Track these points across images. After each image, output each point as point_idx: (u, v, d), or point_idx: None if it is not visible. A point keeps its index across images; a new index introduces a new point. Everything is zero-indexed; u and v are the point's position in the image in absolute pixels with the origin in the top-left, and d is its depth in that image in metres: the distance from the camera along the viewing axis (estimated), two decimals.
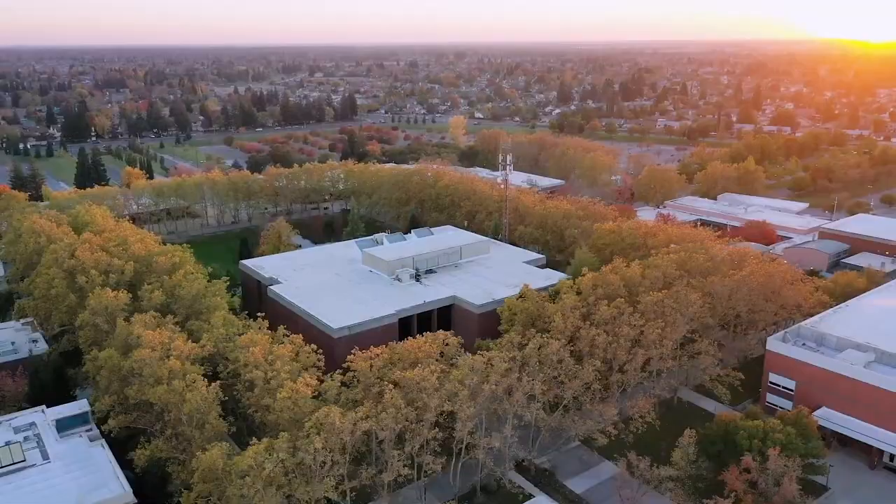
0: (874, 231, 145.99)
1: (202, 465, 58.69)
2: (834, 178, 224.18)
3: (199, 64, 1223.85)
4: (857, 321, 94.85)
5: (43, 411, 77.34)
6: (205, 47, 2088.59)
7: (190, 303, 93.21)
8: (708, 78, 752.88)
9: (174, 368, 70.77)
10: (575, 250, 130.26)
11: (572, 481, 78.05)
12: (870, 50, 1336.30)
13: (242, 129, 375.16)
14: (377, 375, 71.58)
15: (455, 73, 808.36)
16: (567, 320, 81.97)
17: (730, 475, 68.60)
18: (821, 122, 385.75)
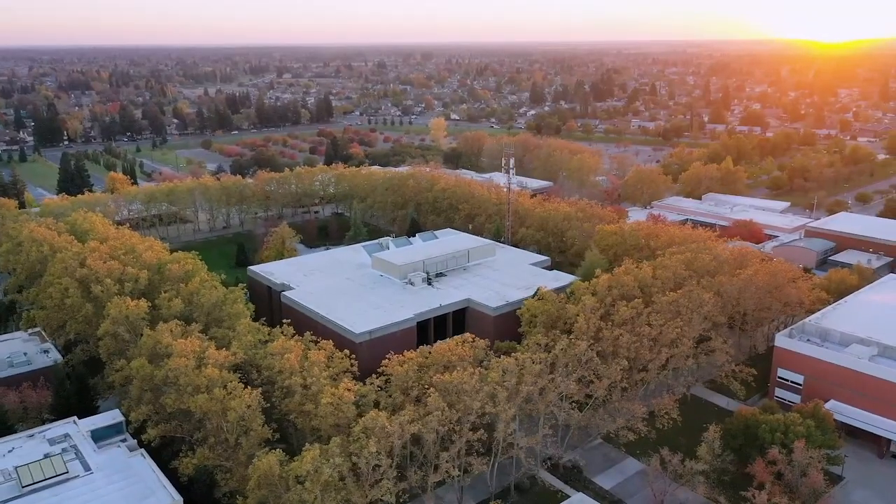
0: (858, 229, 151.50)
1: (258, 472, 59.44)
2: (809, 177, 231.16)
3: (162, 65, 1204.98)
4: (857, 317, 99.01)
5: (75, 422, 77.04)
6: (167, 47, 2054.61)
7: (209, 310, 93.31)
8: (674, 78, 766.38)
9: (212, 377, 71.18)
10: (574, 252, 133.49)
11: (599, 478, 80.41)
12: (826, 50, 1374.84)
13: (219, 131, 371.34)
14: (414, 379, 72.99)
15: (425, 74, 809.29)
16: (589, 321, 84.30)
17: (756, 467, 71.58)
18: (788, 122, 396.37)
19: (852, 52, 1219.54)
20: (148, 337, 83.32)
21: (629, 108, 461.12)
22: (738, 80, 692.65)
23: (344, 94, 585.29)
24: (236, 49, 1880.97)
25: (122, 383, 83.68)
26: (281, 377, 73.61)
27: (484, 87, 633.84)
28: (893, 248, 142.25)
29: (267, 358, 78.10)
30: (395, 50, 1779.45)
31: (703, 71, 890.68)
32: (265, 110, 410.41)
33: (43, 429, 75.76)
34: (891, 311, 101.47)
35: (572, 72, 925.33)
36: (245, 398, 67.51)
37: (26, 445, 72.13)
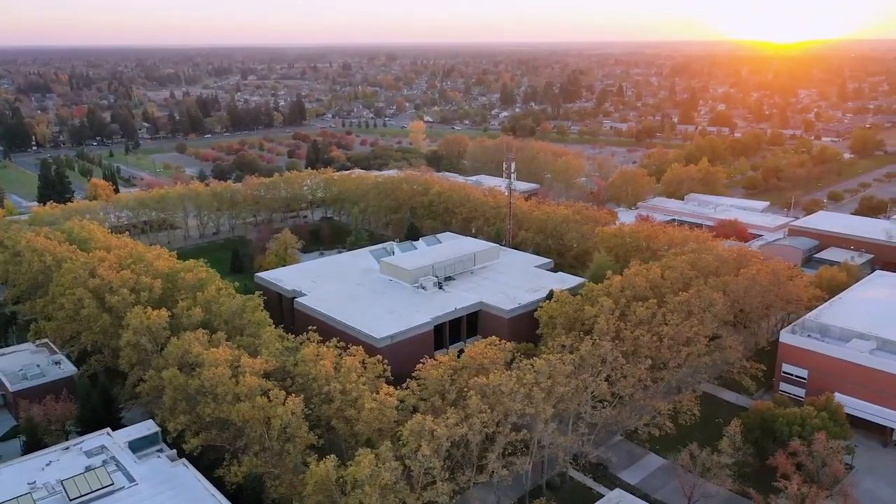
0: (838, 227, 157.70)
1: (315, 477, 60.50)
2: (783, 177, 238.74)
3: (121, 66, 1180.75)
4: (854, 312, 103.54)
5: (109, 434, 76.91)
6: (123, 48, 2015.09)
7: (228, 319, 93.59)
8: (639, 79, 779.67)
9: (252, 385, 71.86)
10: (574, 254, 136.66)
11: (624, 473, 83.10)
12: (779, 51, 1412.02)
13: (192, 135, 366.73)
14: (449, 382, 74.70)
15: (393, 76, 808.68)
16: (609, 322, 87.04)
17: (779, 459, 74.93)
18: (754, 122, 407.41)
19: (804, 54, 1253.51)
20: (174, 346, 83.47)
21: (599, 110, 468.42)
22: (701, 81, 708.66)
23: (313, 96, 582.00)
24: (195, 50, 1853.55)
25: (150, 393, 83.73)
26: (317, 384, 74.58)
27: (453, 89, 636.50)
28: (873, 245, 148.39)
29: (299, 365, 79.06)
30: (357, 51, 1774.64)
31: (665, 72, 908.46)
32: (237, 113, 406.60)
33: (77, 441, 75.48)
34: (885, 306, 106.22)
35: (538, 73, 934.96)
36: (289, 405, 68.43)
37: (63, 458, 71.90)
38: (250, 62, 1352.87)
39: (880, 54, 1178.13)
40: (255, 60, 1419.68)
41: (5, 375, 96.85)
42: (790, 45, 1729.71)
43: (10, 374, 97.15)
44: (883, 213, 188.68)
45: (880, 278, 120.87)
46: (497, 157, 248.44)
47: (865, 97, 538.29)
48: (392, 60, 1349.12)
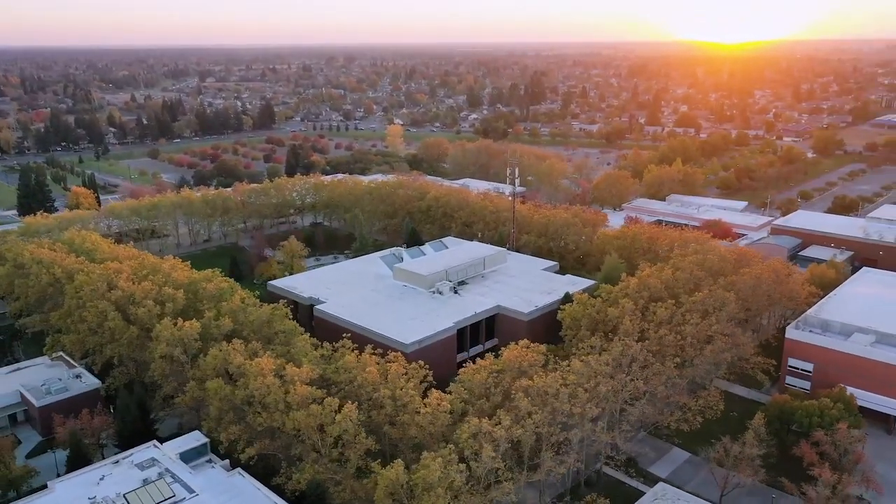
0: (818, 226, 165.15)
1: (385, 481, 62.28)
2: (754, 177, 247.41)
3: (72, 68, 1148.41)
4: (850, 308, 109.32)
5: (156, 446, 77.27)
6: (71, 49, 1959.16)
7: (258, 328, 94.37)
8: (599, 80, 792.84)
9: (304, 394, 73.21)
10: (575, 256, 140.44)
11: (654, 468, 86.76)
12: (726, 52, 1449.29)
13: (162, 140, 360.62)
14: (493, 384, 77.20)
15: (355, 78, 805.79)
16: (633, 323, 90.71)
17: (803, 449, 79.45)
18: (717, 123, 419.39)
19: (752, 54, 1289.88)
20: (212, 357, 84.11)
21: (566, 112, 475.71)
22: (660, 82, 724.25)
23: (278, 99, 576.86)
24: (146, 51, 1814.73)
25: (189, 404, 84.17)
26: (364, 390, 76.27)
27: (418, 91, 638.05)
28: (853, 242, 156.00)
29: (340, 372, 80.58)
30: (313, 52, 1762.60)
31: (623, 73, 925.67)
32: (206, 117, 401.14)
33: (126, 455, 75.70)
34: (878, 301, 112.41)
35: (499, 74, 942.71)
36: (346, 412, 70.01)
37: (116, 472, 72.17)
38: (206, 63, 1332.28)
39: (824, 55, 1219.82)
40: (211, 62, 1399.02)
41: (28, 390, 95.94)
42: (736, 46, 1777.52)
43: (33, 388, 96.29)
44: (855, 210, 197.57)
45: (867, 275, 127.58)
46: (478, 160, 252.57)
47: (818, 97, 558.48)
48: (351, 62, 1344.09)
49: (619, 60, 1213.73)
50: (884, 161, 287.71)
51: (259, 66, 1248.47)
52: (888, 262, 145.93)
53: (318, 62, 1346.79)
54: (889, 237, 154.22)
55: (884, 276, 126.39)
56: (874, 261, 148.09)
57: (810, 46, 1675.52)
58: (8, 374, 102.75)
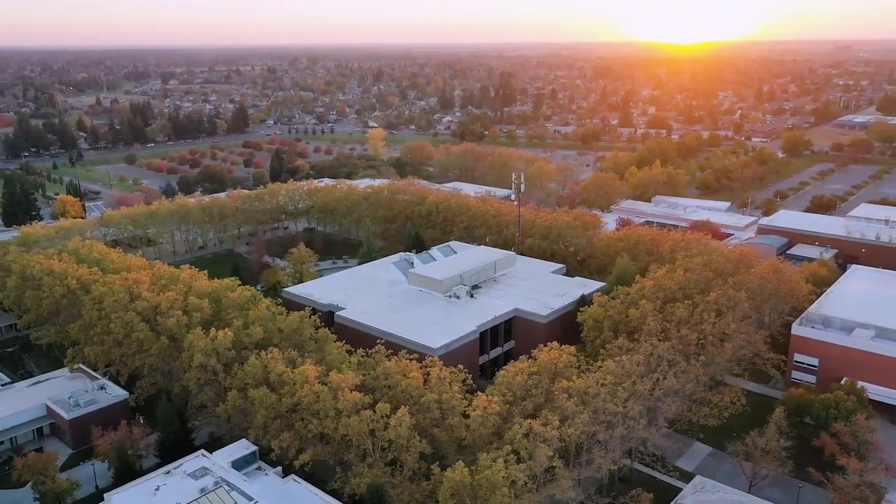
0: (803, 225, 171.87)
1: (450, 483, 64.43)
2: (732, 177, 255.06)
3: (27, 70, 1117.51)
4: (848, 304, 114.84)
5: (205, 455, 78.06)
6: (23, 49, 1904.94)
7: (288, 335, 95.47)
8: (565, 82, 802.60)
9: (354, 400, 74.97)
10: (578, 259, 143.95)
11: (679, 462, 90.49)
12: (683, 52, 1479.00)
13: (137, 145, 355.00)
14: (534, 385, 79.87)
15: (322, 80, 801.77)
16: (656, 323, 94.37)
17: (824, 440, 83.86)
18: (687, 124, 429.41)
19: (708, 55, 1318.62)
20: (252, 366, 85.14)
21: (539, 114, 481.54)
22: (625, 83, 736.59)
23: (248, 101, 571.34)
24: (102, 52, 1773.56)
25: (230, 413, 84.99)
26: (409, 395, 78.26)
27: (388, 93, 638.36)
28: (837, 241, 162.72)
29: (380, 377, 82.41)
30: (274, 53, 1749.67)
31: (588, 74, 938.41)
32: (180, 121, 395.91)
33: (176, 465, 76.36)
34: (872, 297, 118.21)
35: (466, 76, 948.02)
36: (399, 417, 71.97)
37: (170, 482, 72.86)
38: (166, 65, 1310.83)
39: (777, 56, 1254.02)
40: (170, 63, 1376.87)
41: (56, 403, 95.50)
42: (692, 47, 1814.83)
43: (60, 401, 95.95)
44: (833, 209, 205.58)
45: (858, 272, 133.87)
46: (464, 163, 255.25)
47: (778, 98, 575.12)
48: (314, 63, 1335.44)
49: (580, 61, 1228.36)
50: (850, 161, 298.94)
51: (221, 67, 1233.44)
52: (870, 258, 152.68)
53: (281, 63, 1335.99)
54: (870, 235, 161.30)
55: (873, 274, 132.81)
56: (857, 258, 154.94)
57: (763, 47, 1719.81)
58: (29, 388, 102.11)
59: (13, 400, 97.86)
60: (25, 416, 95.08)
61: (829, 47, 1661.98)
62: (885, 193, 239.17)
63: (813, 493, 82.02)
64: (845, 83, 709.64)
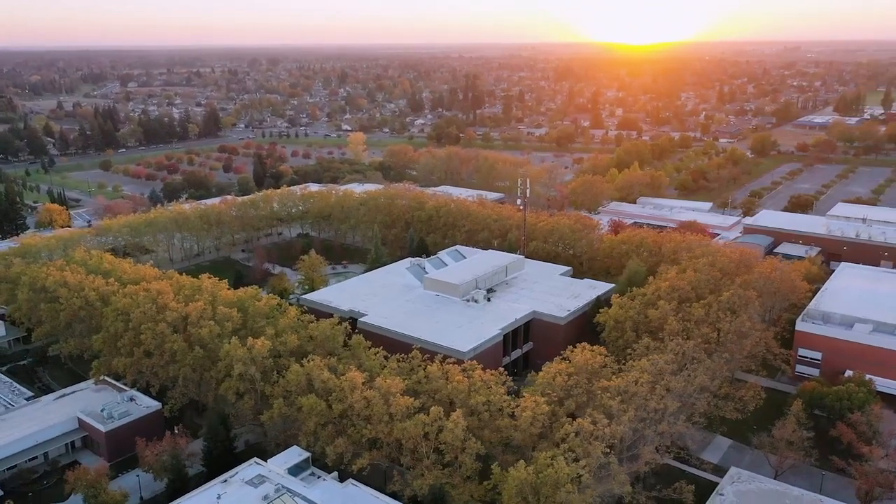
0: (787, 224, 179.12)
1: (515, 480, 67.20)
2: (708, 178, 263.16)
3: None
4: (844, 300, 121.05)
5: (258, 462, 79.36)
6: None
7: (321, 343, 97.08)
8: (529, 83, 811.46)
9: (407, 405, 77.30)
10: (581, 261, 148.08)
11: (704, 455, 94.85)
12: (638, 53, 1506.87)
13: (110, 151, 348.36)
14: (574, 385, 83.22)
15: (287, 82, 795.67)
16: (677, 322, 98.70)
17: (841, 429, 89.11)
18: (656, 126, 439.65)
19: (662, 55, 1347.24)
20: (294, 373, 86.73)
21: (510, 116, 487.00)
22: (589, 85, 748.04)
23: (214, 104, 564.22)
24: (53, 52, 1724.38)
25: (275, 420, 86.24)
26: (454, 398, 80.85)
27: (356, 95, 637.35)
28: (820, 239, 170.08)
29: (424, 382, 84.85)
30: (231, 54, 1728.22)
31: (551, 76, 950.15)
32: (151, 125, 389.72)
33: (232, 473, 77.59)
34: (866, 293, 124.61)
35: (431, 77, 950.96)
36: (455, 420, 74.52)
37: (231, 491, 74.05)
38: (121, 66, 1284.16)
39: (730, 56, 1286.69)
40: (125, 64, 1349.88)
41: (89, 416, 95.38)
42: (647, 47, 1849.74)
43: (93, 414, 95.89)
44: (809, 208, 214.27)
45: (847, 269, 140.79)
46: (449, 166, 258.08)
47: (738, 99, 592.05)
48: (275, 65, 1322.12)
49: (541, 62, 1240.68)
50: (816, 160, 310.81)
51: (179, 69, 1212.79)
52: (851, 256, 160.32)
53: (241, 65, 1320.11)
54: (850, 233, 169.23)
55: (862, 271, 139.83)
56: (839, 255, 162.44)
57: (715, 48, 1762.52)
58: (56, 402, 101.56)
59: (42, 414, 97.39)
60: (58, 429, 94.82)
61: (778, 48, 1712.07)
62: (853, 192, 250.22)
63: (833, 480, 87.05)
64: (799, 84, 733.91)
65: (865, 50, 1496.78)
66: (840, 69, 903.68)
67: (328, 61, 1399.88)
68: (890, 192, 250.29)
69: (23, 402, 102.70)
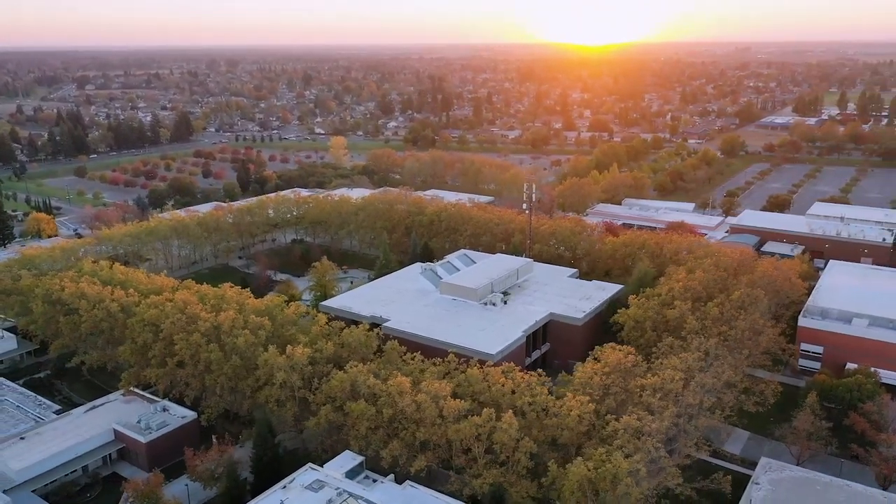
0: (770, 224, 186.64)
1: (574, 477, 70.59)
2: (685, 179, 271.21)
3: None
4: (840, 297, 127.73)
5: (312, 468, 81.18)
6: None
7: (356, 349, 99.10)
8: (494, 85, 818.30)
9: (459, 407, 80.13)
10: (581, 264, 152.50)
11: (726, 447, 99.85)
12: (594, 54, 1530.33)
13: (83, 157, 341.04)
14: (611, 383, 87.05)
15: (252, 85, 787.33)
16: (695, 321, 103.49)
17: (854, 419, 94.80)
18: (625, 127, 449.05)
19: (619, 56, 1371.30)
20: (339, 380, 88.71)
21: (482, 118, 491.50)
22: (551, 86, 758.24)
23: (181, 107, 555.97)
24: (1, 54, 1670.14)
25: (321, 426, 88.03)
26: (504, 400, 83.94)
27: (325, 98, 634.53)
28: (803, 238, 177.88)
29: (465, 385, 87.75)
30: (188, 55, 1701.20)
31: (514, 77, 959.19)
32: (122, 130, 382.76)
33: (289, 479, 79.28)
34: (858, 289, 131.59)
35: (395, 79, 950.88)
36: (508, 421, 77.61)
37: (292, 497, 75.88)
38: (75, 68, 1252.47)
39: (685, 57, 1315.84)
40: (78, 66, 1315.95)
41: (126, 427, 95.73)
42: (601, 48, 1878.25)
43: (129, 425, 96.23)
44: (787, 208, 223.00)
45: (836, 267, 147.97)
46: (434, 170, 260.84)
47: (700, 100, 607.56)
48: (235, 66, 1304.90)
49: (502, 63, 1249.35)
50: (783, 160, 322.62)
51: (137, 71, 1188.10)
52: (833, 253, 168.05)
53: (198, 66, 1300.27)
54: (831, 232, 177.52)
55: (850, 268, 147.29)
56: (821, 253, 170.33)
57: (668, 49, 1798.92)
58: (87, 414, 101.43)
59: (76, 427, 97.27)
60: (94, 442, 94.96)
61: (729, 48, 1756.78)
62: (821, 191, 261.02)
63: (849, 467, 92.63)
64: (755, 84, 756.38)
65: (813, 51, 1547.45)
66: (792, 70, 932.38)
67: (288, 62, 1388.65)
68: (856, 191, 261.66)
69: (52, 415, 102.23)
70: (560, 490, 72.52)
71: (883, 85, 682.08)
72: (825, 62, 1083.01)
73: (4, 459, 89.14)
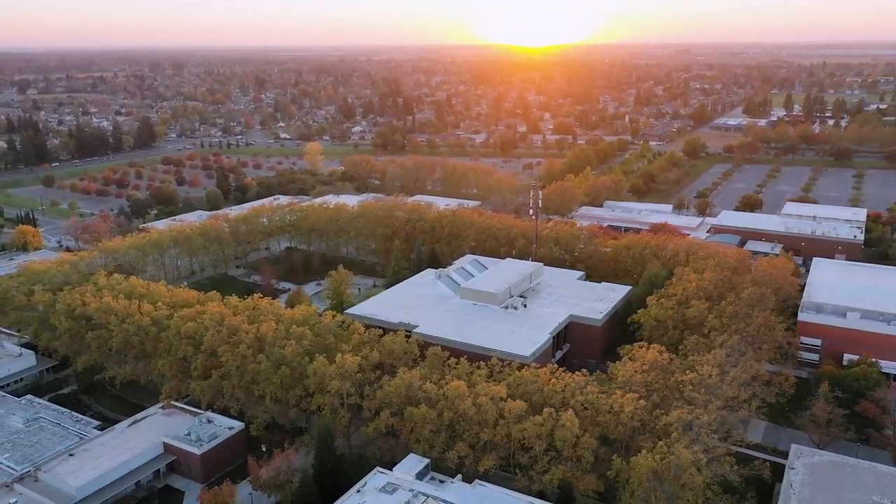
0: (750, 223, 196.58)
1: (643, 469, 75.65)
2: (657, 180, 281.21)
3: None
4: (829, 292, 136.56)
5: (381, 472, 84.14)
6: None
7: (399, 356, 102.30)
8: (449, 88, 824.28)
9: (520, 408, 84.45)
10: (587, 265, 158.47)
11: (747, 436, 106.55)
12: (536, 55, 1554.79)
13: (46, 165, 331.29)
14: (653, 380, 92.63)
15: (205, 88, 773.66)
16: (714, 319, 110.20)
17: (865, 405, 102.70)
18: (586, 130, 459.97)
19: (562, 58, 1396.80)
20: (392, 385, 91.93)
21: (445, 122, 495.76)
22: (505, 88, 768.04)
23: (135, 112, 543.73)
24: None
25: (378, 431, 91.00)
26: (556, 400, 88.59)
27: (284, 101, 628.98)
28: (781, 236, 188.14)
29: (515, 386, 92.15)
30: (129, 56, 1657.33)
31: (467, 79, 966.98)
32: (84, 137, 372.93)
33: (361, 484, 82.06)
34: (846, 284, 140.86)
35: (349, 82, 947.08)
36: (569, 419, 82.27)
37: (368, 499, 78.98)
38: (9, 71, 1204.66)
39: (627, 59, 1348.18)
40: (13, 69, 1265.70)
41: (176, 440, 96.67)
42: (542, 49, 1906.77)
43: (179, 438, 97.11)
44: (759, 208, 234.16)
45: (822, 264, 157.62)
46: (417, 175, 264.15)
47: (652, 102, 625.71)
48: (180, 69, 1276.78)
49: (451, 66, 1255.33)
50: (742, 161, 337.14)
51: (78, 74, 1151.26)
52: (809, 251, 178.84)
53: (141, 69, 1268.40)
54: (806, 230, 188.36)
55: (833, 265, 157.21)
56: (798, 251, 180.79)
57: (609, 50, 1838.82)
58: (130, 429, 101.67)
59: (123, 442, 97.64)
60: (145, 456, 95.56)
61: (669, 50, 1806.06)
62: (784, 190, 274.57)
63: (864, 450, 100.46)
64: (702, 86, 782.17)
65: (748, 52, 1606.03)
66: (733, 72, 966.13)
67: (235, 65, 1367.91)
68: (816, 190, 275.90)
69: (94, 431, 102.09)
70: (626, 482, 77.46)
71: (821, 87, 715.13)
72: (763, 64, 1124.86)
73: (61, 476, 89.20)
